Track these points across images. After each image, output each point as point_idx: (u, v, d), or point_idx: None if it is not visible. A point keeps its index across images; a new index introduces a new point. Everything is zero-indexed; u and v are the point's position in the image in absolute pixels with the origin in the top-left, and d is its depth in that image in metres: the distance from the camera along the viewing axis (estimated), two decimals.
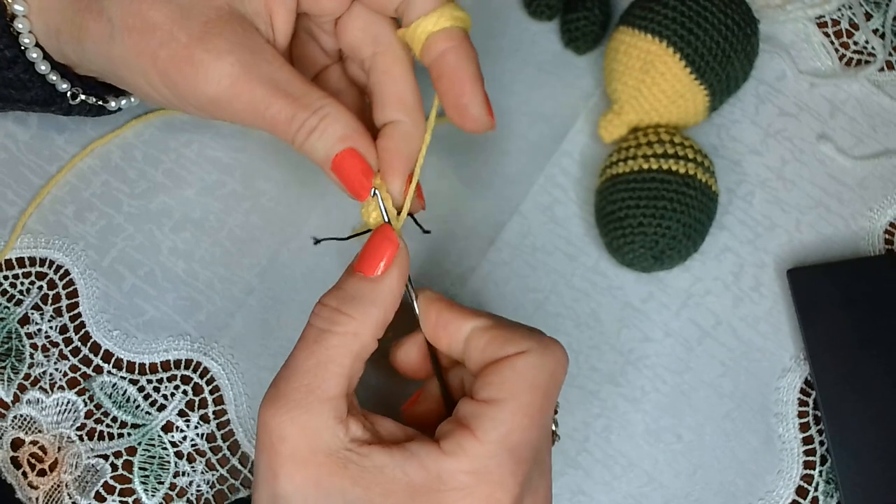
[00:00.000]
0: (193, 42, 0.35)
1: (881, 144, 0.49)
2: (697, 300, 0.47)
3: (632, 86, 0.46)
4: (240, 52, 0.35)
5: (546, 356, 0.34)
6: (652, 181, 0.44)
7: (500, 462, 0.32)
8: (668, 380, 0.46)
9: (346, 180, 0.36)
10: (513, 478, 0.33)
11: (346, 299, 0.34)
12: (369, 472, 0.32)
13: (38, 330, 0.47)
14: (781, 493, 0.45)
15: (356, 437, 0.33)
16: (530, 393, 0.33)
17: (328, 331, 0.34)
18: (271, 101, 0.35)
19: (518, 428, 0.33)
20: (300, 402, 0.33)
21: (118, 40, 0.36)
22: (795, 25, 0.51)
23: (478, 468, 0.32)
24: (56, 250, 0.48)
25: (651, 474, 0.45)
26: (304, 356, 0.34)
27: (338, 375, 0.33)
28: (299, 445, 0.32)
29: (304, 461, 0.32)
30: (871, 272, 0.46)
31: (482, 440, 0.32)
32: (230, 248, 0.48)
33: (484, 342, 0.35)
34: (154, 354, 0.47)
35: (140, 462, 0.46)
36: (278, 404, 0.33)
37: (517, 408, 0.33)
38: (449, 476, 0.32)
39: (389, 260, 0.35)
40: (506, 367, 0.34)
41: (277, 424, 0.32)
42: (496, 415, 0.33)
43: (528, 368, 0.34)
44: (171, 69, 0.35)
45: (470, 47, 0.37)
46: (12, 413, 0.46)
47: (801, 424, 0.46)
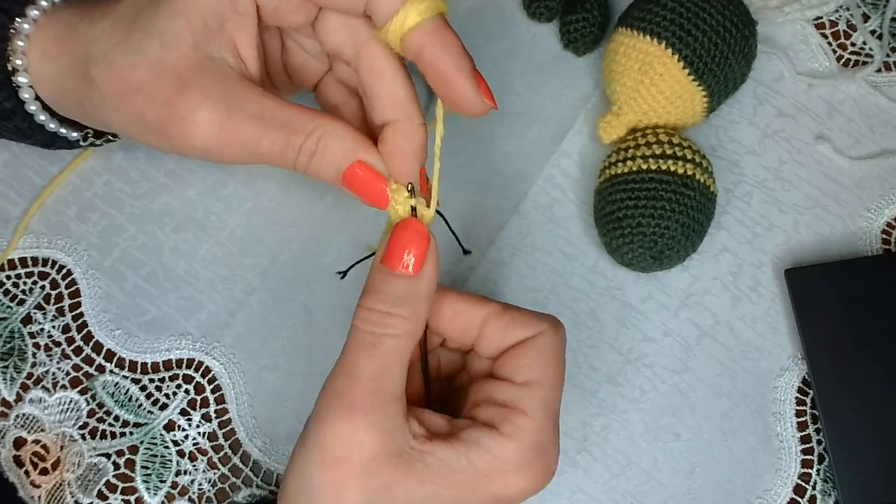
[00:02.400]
0: (172, 99, 0.35)
1: (878, 145, 0.50)
2: (696, 300, 0.48)
3: (630, 87, 0.46)
4: (217, 98, 0.35)
5: (557, 333, 0.37)
6: (651, 181, 0.44)
7: (549, 433, 0.36)
8: (667, 379, 0.47)
9: (361, 192, 0.36)
10: (556, 444, 0.36)
11: (395, 302, 0.34)
12: (434, 468, 0.34)
13: (40, 329, 0.47)
14: (779, 491, 0.45)
15: (416, 433, 0.34)
16: (555, 367, 0.36)
17: (385, 335, 0.34)
18: (260, 137, 0.35)
19: (555, 400, 0.36)
20: (374, 408, 0.33)
21: (109, 106, 0.37)
22: (793, 27, 0.51)
23: (535, 443, 0.35)
24: (58, 250, 0.48)
25: (650, 473, 0.46)
26: (365, 362, 0.34)
27: (400, 376, 0.34)
28: (376, 450, 0.33)
29: (376, 467, 0.33)
30: (868, 272, 0.46)
31: (534, 418, 0.35)
32: (231, 249, 0.48)
33: (502, 326, 0.37)
34: (156, 354, 0.47)
35: (142, 461, 0.46)
36: (349, 411, 0.33)
37: (551, 383, 0.36)
38: (513, 456, 0.34)
39: (424, 255, 0.35)
40: (531, 349, 0.36)
41: (353, 432, 0.33)
42: (540, 393, 0.36)
43: (550, 346, 0.36)
44: (160, 128, 0.36)
45: (448, 36, 0.35)
46: (15, 412, 0.46)
47: (799, 423, 0.46)
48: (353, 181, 0.36)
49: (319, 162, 0.36)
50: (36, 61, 0.38)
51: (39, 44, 0.38)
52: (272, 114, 0.35)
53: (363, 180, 0.36)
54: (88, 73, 0.36)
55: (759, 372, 0.47)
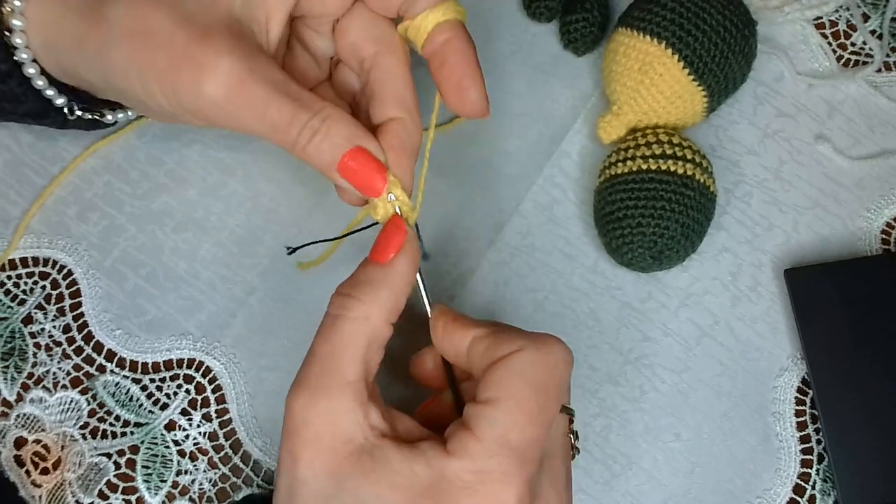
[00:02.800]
0: (193, 43, 0.35)
1: (878, 145, 0.50)
2: (696, 300, 0.48)
3: (630, 87, 0.46)
4: (239, 52, 0.35)
5: (541, 352, 0.35)
6: (650, 181, 0.44)
7: (501, 461, 0.33)
8: (667, 379, 0.47)
9: (358, 179, 0.36)
10: (517, 478, 0.33)
11: (356, 285, 0.35)
12: (380, 465, 0.33)
13: (41, 329, 0.47)
14: (779, 491, 0.45)
15: (374, 425, 0.34)
16: (526, 390, 0.33)
17: (341, 316, 0.35)
18: (271, 101, 0.35)
19: (516, 426, 0.33)
20: (321, 386, 0.34)
21: (116, 46, 0.36)
22: (793, 27, 0.51)
23: (480, 467, 0.32)
24: (59, 250, 0.48)
25: (650, 473, 0.46)
26: (320, 342, 0.35)
27: (353, 359, 0.34)
28: (321, 430, 0.33)
29: (323, 446, 0.33)
30: (868, 272, 0.47)
31: (481, 439, 0.33)
32: (232, 249, 0.48)
33: (483, 347, 0.36)
34: (156, 354, 0.47)
35: (143, 460, 0.46)
36: (300, 389, 0.34)
37: (513, 406, 0.33)
38: (453, 475, 0.33)
39: (398, 246, 0.36)
40: (501, 367, 0.34)
41: (301, 408, 0.33)
42: (492, 413, 0.33)
43: (523, 365, 0.34)
44: (169, 71, 0.35)
45: (467, 40, 0.38)
46: (16, 412, 0.46)
47: (799, 423, 0.46)
48: (350, 167, 0.36)
49: (320, 142, 0.36)
50: (36, 6, 0.38)
51: None
52: (287, 85, 0.36)
53: (363, 167, 0.36)
54: (101, 9, 0.36)
55: (758, 372, 0.47)
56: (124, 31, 0.36)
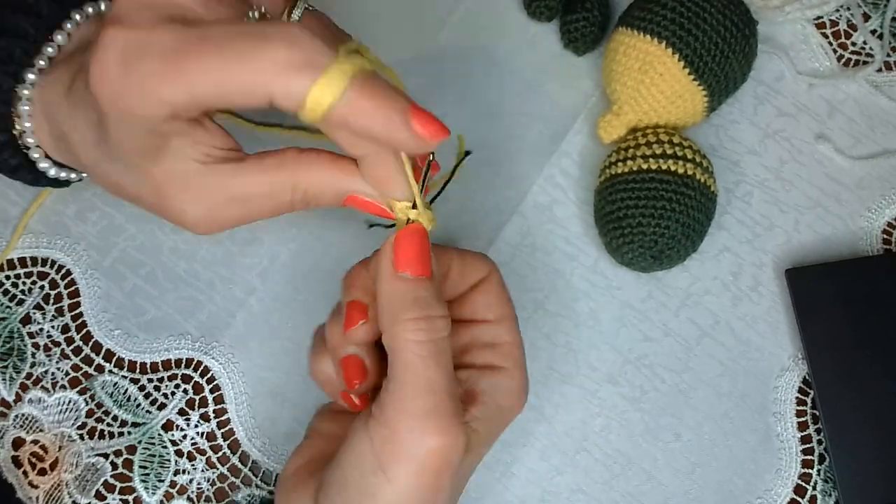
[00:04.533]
0: (156, 206, 0.36)
1: (879, 145, 0.50)
2: (696, 300, 0.47)
3: (631, 86, 0.46)
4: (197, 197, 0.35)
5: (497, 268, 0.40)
6: (651, 181, 0.44)
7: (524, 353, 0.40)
8: (667, 379, 0.46)
9: (367, 211, 0.36)
10: None
11: (430, 305, 0.34)
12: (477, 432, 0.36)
13: (39, 329, 0.47)
14: (780, 491, 0.45)
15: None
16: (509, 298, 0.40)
17: (439, 338, 0.34)
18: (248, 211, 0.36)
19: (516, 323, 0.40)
20: (459, 410, 0.34)
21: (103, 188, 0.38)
22: (794, 26, 0.51)
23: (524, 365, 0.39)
24: (58, 250, 0.48)
25: (650, 473, 0.45)
26: (438, 372, 0.34)
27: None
28: (464, 449, 0.34)
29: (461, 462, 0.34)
30: (868, 272, 0.46)
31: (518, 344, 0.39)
32: (231, 249, 0.48)
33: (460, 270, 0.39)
34: (155, 354, 0.47)
35: (140, 460, 0.46)
36: (450, 426, 0.33)
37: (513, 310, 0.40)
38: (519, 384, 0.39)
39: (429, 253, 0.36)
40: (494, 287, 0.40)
41: (454, 443, 0.33)
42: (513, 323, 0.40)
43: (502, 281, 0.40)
44: (157, 214, 0.37)
45: (367, 97, 0.30)
46: (14, 412, 0.46)
47: (800, 423, 0.46)
48: (355, 206, 0.36)
49: (317, 205, 0.36)
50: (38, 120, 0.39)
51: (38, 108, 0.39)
52: (252, 189, 0.35)
53: (363, 205, 0.36)
54: (80, 162, 0.38)
55: (759, 372, 0.47)
56: (102, 186, 0.38)
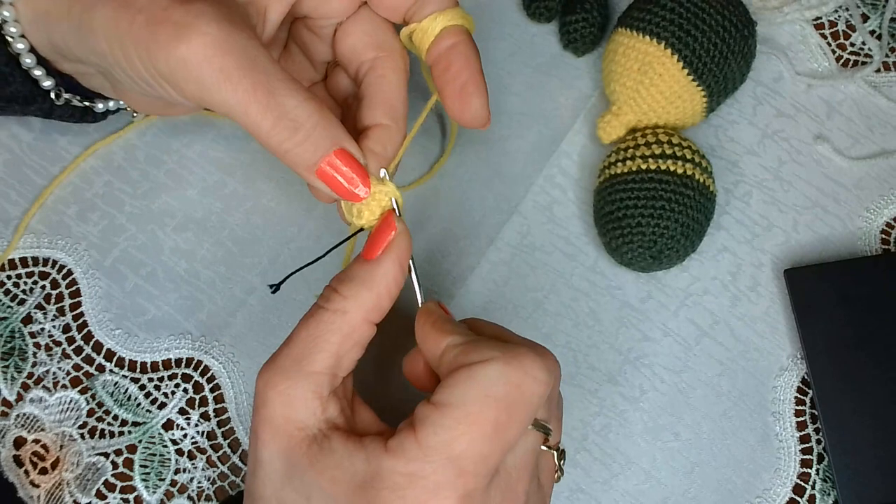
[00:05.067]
0: (174, 5, 0.33)
1: (878, 145, 0.50)
2: (695, 300, 0.48)
3: (630, 87, 0.46)
4: (223, 21, 0.33)
5: (510, 366, 0.32)
6: (650, 181, 0.44)
7: (436, 469, 0.31)
8: (667, 379, 0.47)
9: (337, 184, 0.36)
10: (450, 490, 0.31)
11: (343, 279, 0.35)
12: (325, 456, 0.32)
13: (41, 329, 0.47)
14: (778, 491, 0.45)
15: (330, 418, 0.34)
16: (482, 402, 0.31)
17: (321, 307, 0.35)
18: (244, 81, 0.33)
19: (464, 437, 0.31)
20: (286, 371, 0.34)
21: (101, 7, 0.35)
22: (793, 27, 0.51)
23: (413, 471, 0.31)
24: (59, 250, 0.48)
25: (649, 472, 0.46)
26: (298, 329, 0.35)
27: (324, 351, 0.34)
28: (276, 412, 0.33)
29: (278, 429, 0.33)
30: (867, 272, 0.47)
31: (421, 443, 0.31)
32: (231, 248, 0.48)
33: (454, 355, 0.34)
34: (155, 353, 0.47)
35: (141, 460, 0.46)
36: (268, 367, 0.34)
37: (463, 415, 0.31)
38: (386, 474, 0.31)
39: (384, 243, 0.36)
40: (462, 374, 0.32)
41: (262, 388, 0.34)
42: (439, 419, 0.31)
43: (485, 377, 0.32)
44: (146, 31, 0.33)
45: (473, 49, 0.39)
46: (15, 412, 0.46)
47: (798, 423, 0.46)
48: (334, 170, 0.35)
49: (302, 144, 0.34)
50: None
51: None
52: (266, 64, 0.34)
53: (343, 171, 0.36)
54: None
55: (758, 372, 0.47)
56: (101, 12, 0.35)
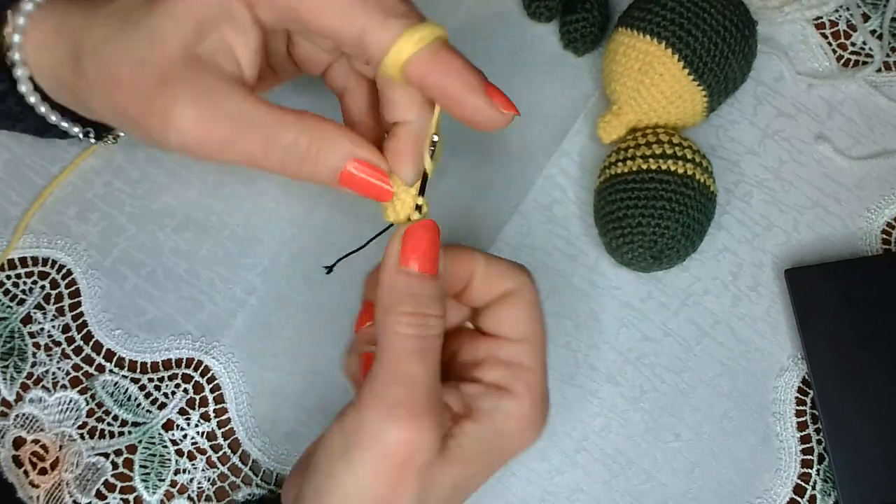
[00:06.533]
0: (152, 94, 0.35)
1: (878, 145, 0.50)
2: (696, 300, 0.48)
3: (630, 87, 0.46)
4: (197, 97, 0.34)
5: (534, 283, 0.38)
6: (651, 181, 0.44)
7: (547, 383, 0.37)
8: (667, 379, 0.47)
9: (362, 190, 0.36)
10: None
11: (428, 303, 0.35)
12: (468, 447, 0.34)
13: (40, 329, 0.47)
14: (779, 491, 0.45)
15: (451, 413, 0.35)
16: (541, 319, 0.38)
17: (429, 336, 0.34)
18: (238, 137, 0.35)
19: (545, 350, 0.37)
20: (434, 409, 0.33)
21: (97, 97, 0.37)
22: (793, 27, 0.51)
23: (543, 395, 0.36)
24: (58, 250, 0.48)
25: (649, 472, 0.46)
26: (419, 368, 0.34)
27: (439, 374, 0.35)
28: (436, 449, 0.33)
29: (430, 464, 0.33)
30: (868, 272, 0.46)
31: (539, 372, 0.36)
32: (232, 249, 0.48)
33: (487, 277, 0.37)
34: (155, 353, 0.47)
35: (141, 460, 0.46)
36: (420, 419, 0.33)
37: (543, 334, 0.38)
38: (529, 413, 0.36)
39: (438, 254, 0.36)
40: (521, 302, 0.37)
41: (421, 437, 0.33)
42: (537, 348, 0.37)
43: (534, 298, 0.38)
44: (140, 122, 0.35)
45: (449, 57, 0.35)
46: (15, 412, 0.46)
47: (799, 423, 0.46)
48: (353, 180, 0.36)
49: (314, 166, 0.35)
50: (32, 51, 0.38)
51: (35, 34, 0.38)
52: (253, 116, 0.35)
53: (363, 178, 0.36)
54: (80, 64, 0.36)
55: (758, 372, 0.47)
56: (98, 86, 0.36)
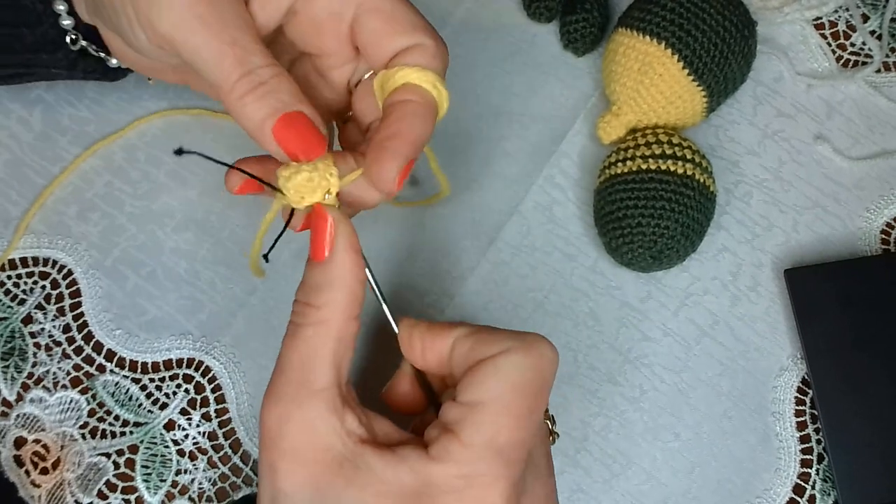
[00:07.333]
0: None
1: (878, 145, 0.50)
2: (695, 300, 0.48)
3: (630, 87, 0.46)
4: None
5: (530, 353, 0.33)
6: (650, 181, 0.44)
7: (489, 465, 0.32)
8: (667, 379, 0.47)
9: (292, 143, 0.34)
10: (504, 480, 0.32)
11: (308, 291, 0.34)
12: (362, 472, 0.32)
13: (41, 329, 0.47)
14: (778, 490, 0.45)
15: (352, 430, 0.33)
16: (513, 392, 0.32)
17: (302, 324, 0.34)
18: (223, 30, 0.34)
19: (504, 429, 0.32)
20: (293, 397, 0.33)
21: None
22: (793, 27, 0.51)
23: (466, 472, 0.32)
24: (59, 250, 0.48)
25: (649, 472, 0.46)
26: (286, 352, 0.34)
27: (323, 366, 0.33)
28: (297, 441, 0.32)
29: (302, 458, 0.32)
30: (867, 272, 0.47)
31: (467, 444, 0.32)
32: (232, 249, 0.48)
33: (467, 348, 0.34)
34: (156, 353, 0.47)
35: (142, 460, 0.46)
36: (272, 401, 0.33)
37: (501, 408, 0.32)
38: (439, 481, 0.32)
39: (326, 239, 0.34)
40: (488, 367, 0.33)
41: (276, 421, 0.33)
42: (479, 417, 0.32)
43: (511, 367, 0.33)
44: None
45: (431, 117, 0.36)
46: (15, 412, 0.46)
47: (798, 423, 0.46)
48: (289, 128, 0.34)
49: (262, 95, 0.34)
50: None
51: None
52: (249, 24, 0.34)
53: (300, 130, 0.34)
54: None
55: (758, 372, 0.47)
56: None
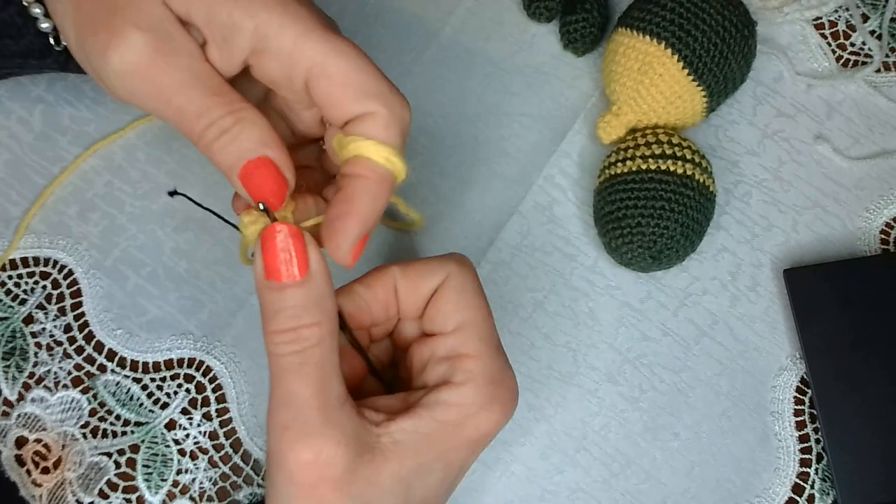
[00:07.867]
0: (118, 9, 0.33)
1: (878, 145, 0.50)
2: (695, 300, 0.48)
3: (630, 87, 0.46)
4: (159, 33, 0.33)
5: (464, 267, 0.37)
6: (650, 181, 0.44)
7: (498, 362, 0.36)
8: (666, 378, 0.47)
9: (255, 189, 0.34)
10: (509, 367, 0.37)
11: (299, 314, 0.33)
12: (406, 441, 0.34)
13: (42, 329, 0.48)
14: (778, 490, 0.45)
15: (375, 420, 0.34)
16: (478, 300, 0.37)
17: (306, 350, 0.33)
18: (180, 89, 0.33)
19: (491, 330, 0.37)
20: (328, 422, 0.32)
21: None
22: (793, 27, 0.51)
23: (489, 378, 0.35)
24: (59, 250, 0.48)
25: (649, 472, 0.46)
26: (300, 386, 0.33)
27: (336, 380, 0.33)
28: (346, 459, 0.32)
29: (352, 473, 0.32)
30: (867, 272, 0.47)
31: (479, 356, 0.36)
32: (232, 249, 0.48)
33: (411, 282, 0.37)
34: (157, 353, 0.47)
35: (143, 460, 0.46)
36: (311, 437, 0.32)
37: (481, 316, 0.37)
38: (473, 398, 0.35)
39: (304, 253, 0.33)
40: (449, 292, 0.37)
41: (319, 454, 0.32)
42: (474, 331, 0.36)
43: (464, 283, 0.37)
44: (89, 30, 0.33)
45: (385, 191, 0.35)
46: (17, 411, 0.47)
47: (798, 423, 0.46)
48: (252, 176, 0.33)
49: (226, 143, 0.33)
50: None
51: None
52: (207, 77, 0.33)
53: (264, 180, 0.33)
54: None
55: (757, 371, 0.47)
56: None
